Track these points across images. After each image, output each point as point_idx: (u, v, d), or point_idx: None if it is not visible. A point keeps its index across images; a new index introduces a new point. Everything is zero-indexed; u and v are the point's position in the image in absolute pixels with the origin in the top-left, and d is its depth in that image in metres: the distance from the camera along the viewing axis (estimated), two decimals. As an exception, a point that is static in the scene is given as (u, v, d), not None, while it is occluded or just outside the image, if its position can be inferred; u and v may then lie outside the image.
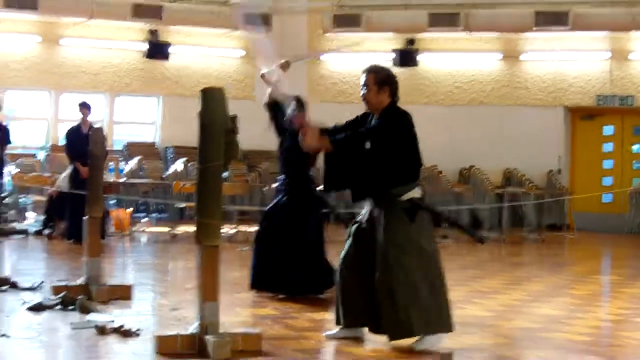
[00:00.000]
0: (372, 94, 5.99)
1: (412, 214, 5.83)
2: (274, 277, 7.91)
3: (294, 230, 8.05)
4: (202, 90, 5.58)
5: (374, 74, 6.01)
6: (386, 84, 6.00)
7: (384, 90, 5.99)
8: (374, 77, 5.99)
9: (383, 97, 5.99)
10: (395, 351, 5.65)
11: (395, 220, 5.81)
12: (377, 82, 5.98)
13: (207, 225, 5.32)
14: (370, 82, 5.99)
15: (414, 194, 5.88)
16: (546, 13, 18.41)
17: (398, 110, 6.02)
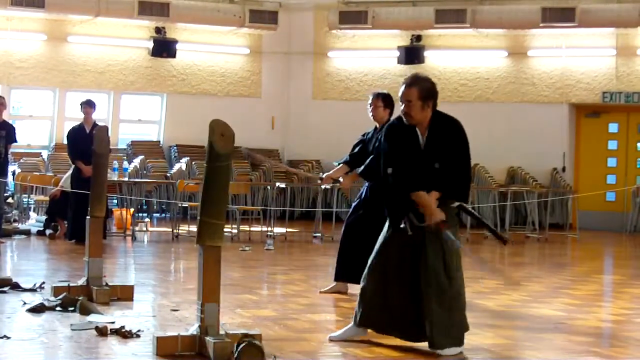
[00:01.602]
0: (416, 110, 5.63)
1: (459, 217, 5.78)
2: (357, 272, 8.04)
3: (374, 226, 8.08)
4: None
5: (418, 88, 5.63)
6: (431, 97, 5.67)
7: (428, 105, 5.66)
8: (418, 92, 5.62)
9: (427, 112, 5.67)
10: (396, 351, 5.65)
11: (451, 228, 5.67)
12: (421, 96, 5.63)
13: (211, 225, 5.31)
14: (414, 96, 5.62)
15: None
16: (553, 9, 18.39)
17: (449, 118, 5.78)
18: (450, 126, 5.73)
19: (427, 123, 5.70)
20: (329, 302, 7.84)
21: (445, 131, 5.70)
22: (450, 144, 5.69)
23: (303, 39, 20.50)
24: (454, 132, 5.73)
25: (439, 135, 5.69)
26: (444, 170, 5.64)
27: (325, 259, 12.12)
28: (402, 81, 5.80)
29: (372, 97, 8.27)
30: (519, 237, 16.05)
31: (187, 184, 14.95)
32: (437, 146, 5.66)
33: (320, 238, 14.87)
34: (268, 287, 9.43)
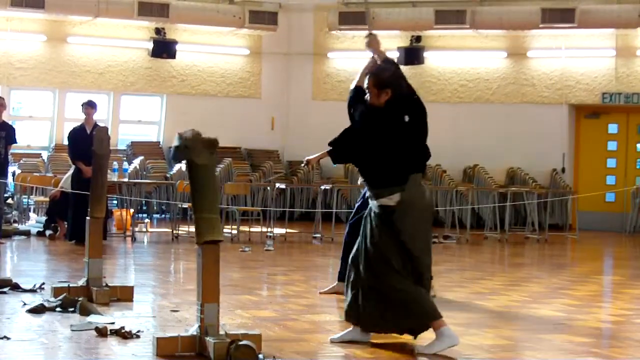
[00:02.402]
0: (374, 99, 5.92)
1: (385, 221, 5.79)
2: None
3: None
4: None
5: (373, 78, 5.95)
6: (387, 86, 5.91)
7: (386, 93, 5.90)
8: (374, 81, 5.93)
9: (384, 99, 5.90)
10: (396, 352, 5.66)
11: (373, 222, 5.85)
12: (376, 85, 5.92)
13: (206, 220, 5.31)
14: (371, 85, 5.92)
15: (389, 202, 5.79)
16: (552, 10, 18.41)
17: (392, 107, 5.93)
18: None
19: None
20: (328, 303, 7.84)
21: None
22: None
23: (303, 39, 20.52)
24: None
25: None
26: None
27: (325, 259, 12.13)
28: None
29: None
30: (518, 237, 16.05)
31: (187, 185, 14.94)
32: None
33: (320, 239, 14.87)
34: (268, 287, 9.43)
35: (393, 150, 5.85)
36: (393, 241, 5.78)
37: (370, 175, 5.94)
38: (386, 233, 5.80)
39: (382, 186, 5.85)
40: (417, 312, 5.76)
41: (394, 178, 5.85)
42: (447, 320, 6.96)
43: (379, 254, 5.79)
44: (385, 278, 5.77)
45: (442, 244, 14.48)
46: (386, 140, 5.84)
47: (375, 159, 5.86)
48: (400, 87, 5.99)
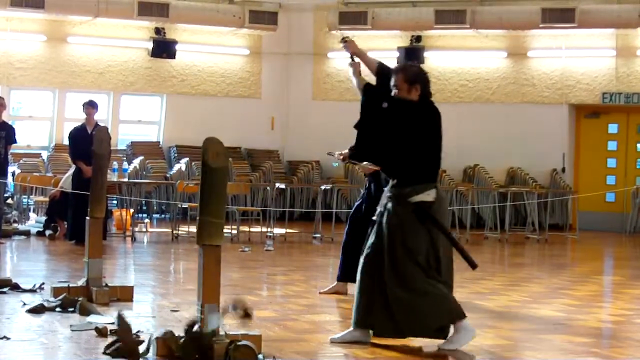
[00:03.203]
0: (403, 94, 5.88)
1: (421, 217, 5.71)
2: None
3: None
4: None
5: (403, 73, 5.91)
6: (417, 81, 5.90)
7: (415, 88, 5.88)
8: (404, 76, 5.89)
9: (414, 95, 5.88)
10: (397, 352, 5.65)
11: (401, 221, 5.74)
12: (406, 80, 5.88)
13: (210, 224, 5.31)
14: (400, 80, 5.87)
15: (426, 198, 5.77)
16: (552, 10, 18.40)
17: (432, 105, 5.93)
18: (422, 106, 5.91)
19: None
20: (328, 303, 7.84)
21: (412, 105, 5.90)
22: (407, 110, 5.87)
23: (303, 39, 20.51)
24: (418, 109, 5.91)
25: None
26: (389, 112, 5.85)
27: (325, 259, 12.13)
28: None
29: None
30: (519, 237, 16.04)
31: (187, 185, 14.96)
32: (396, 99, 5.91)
33: (320, 239, 14.87)
34: (268, 287, 9.43)
35: (432, 145, 5.83)
36: (423, 239, 5.72)
37: (406, 172, 5.81)
38: (416, 231, 5.72)
39: (419, 182, 5.78)
40: (446, 311, 5.73)
41: (432, 174, 5.87)
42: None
43: (407, 255, 5.70)
44: (412, 279, 5.68)
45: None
46: (426, 135, 5.81)
47: (414, 155, 5.77)
48: (428, 83, 5.96)
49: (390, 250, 5.74)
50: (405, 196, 5.78)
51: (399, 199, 5.80)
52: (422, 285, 5.69)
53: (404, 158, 5.79)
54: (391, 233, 5.77)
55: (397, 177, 5.86)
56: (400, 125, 5.78)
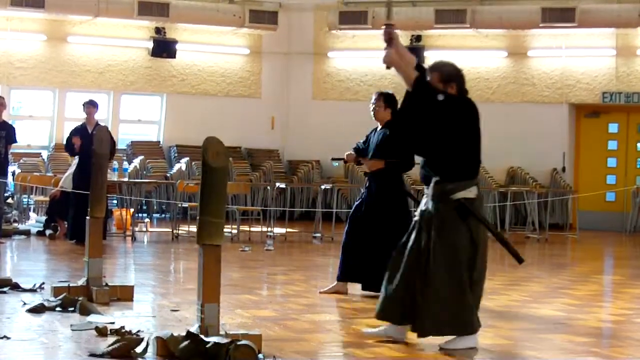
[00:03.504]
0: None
1: (464, 214, 5.72)
2: (361, 272, 8.13)
3: (378, 225, 8.09)
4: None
5: (438, 72, 5.87)
6: (452, 79, 5.86)
7: (451, 86, 5.83)
8: (439, 75, 5.85)
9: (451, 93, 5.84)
10: (397, 352, 5.65)
11: (443, 219, 5.75)
12: (441, 79, 5.84)
13: (210, 224, 5.31)
14: (435, 80, 5.83)
15: (468, 194, 5.77)
16: (553, 9, 18.40)
17: (470, 101, 5.87)
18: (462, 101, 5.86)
19: None
20: (329, 303, 7.84)
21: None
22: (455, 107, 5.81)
23: (303, 39, 20.51)
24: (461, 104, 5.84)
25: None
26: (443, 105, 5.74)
27: (325, 259, 12.13)
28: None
29: (374, 97, 8.32)
30: (519, 237, 16.02)
31: (187, 184, 14.97)
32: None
33: (320, 238, 14.87)
34: (268, 287, 9.43)
35: (475, 142, 5.82)
36: (464, 236, 5.73)
37: (450, 169, 5.78)
38: (457, 228, 5.72)
39: (461, 179, 5.78)
40: (468, 322, 5.72)
41: (473, 171, 5.87)
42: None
43: (447, 253, 5.70)
44: (451, 279, 5.69)
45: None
46: (470, 132, 5.80)
47: (458, 151, 5.76)
48: (464, 80, 5.92)
49: (432, 247, 5.74)
50: (447, 193, 5.77)
51: (441, 196, 5.78)
52: (458, 288, 5.70)
53: (449, 155, 5.77)
54: (432, 230, 5.77)
55: (441, 174, 5.81)
56: (451, 121, 5.73)
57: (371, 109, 8.32)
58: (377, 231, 8.13)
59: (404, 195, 8.34)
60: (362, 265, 8.15)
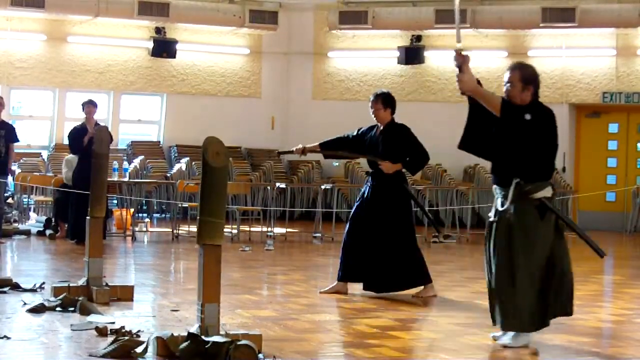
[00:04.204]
0: (516, 91, 6.01)
1: (542, 212, 5.90)
2: (362, 272, 8.15)
3: (380, 225, 8.10)
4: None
5: (521, 71, 6.05)
6: (531, 82, 6.03)
7: (528, 89, 6.01)
8: (521, 74, 6.03)
9: (526, 96, 6.01)
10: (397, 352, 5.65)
11: (527, 217, 5.90)
12: (522, 79, 6.02)
13: (211, 224, 5.31)
14: (516, 78, 6.02)
15: (546, 193, 5.95)
16: (553, 9, 18.40)
17: (546, 107, 6.07)
18: (547, 110, 6.03)
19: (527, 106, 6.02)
20: (329, 303, 7.84)
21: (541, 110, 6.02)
22: (542, 117, 6.02)
23: (303, 39, 20.51)
24: (547, 114, 6.03)
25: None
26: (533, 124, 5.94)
27: (325, 259, 12.13)
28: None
29: (371, 99, 8.34)
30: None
31: (187, 184, 14.96)
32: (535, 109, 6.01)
33: (320, 238, 14.87)
34: (268, 287, 9.43)
35: (554, 145, 6.02)
36: (546, 233, 5.93)
37: (532, 171, 5.94)
38: (539, 227, 5.90)
39: (540, 180, 5.96)
40: (532, 322, 5.92)
41: (550, 172, 6.08)
42: (448, 319, 6.99)
43: (531, 251, 5.87)
44: (532, 275, 5.87)
45: (442, 243, 14.48)
46: (551, 136, 5.99)
47: (540, 155, 5.95)
48: (539, 85, 6.10)
49: (514, 246, 5.89)
50: (527, 193, 5.92)
51: (520, 196, 5.93)
52: (537, 287, 5.88)
53: (532, 161, 5.95)
54: (514, 230, 5.91)
55: (522, 176, 5.96)
56: (538, 136, 5.95)
57: (371, 112, 8.34)
58: (379, 231, 8.13)
59: (406, 194, 8.34)
60: (362, 265, 8.15)
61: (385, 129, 8.32)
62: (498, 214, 6.02)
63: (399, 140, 8.24)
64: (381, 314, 7.14)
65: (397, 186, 8.25)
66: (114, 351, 5.20)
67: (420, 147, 8.27)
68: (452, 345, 5.95)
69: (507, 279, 5.87)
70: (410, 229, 8.26)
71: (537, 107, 6.02)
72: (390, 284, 8.12)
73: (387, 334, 6.20)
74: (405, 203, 8.29)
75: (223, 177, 5.37)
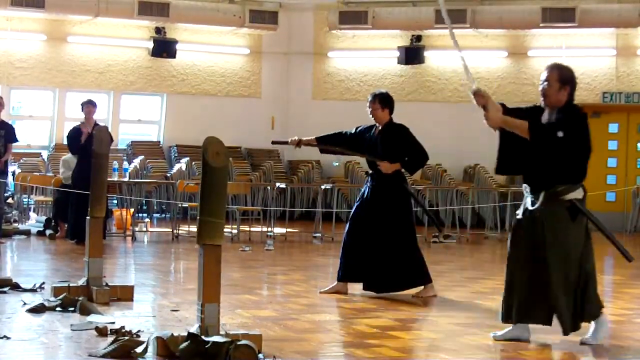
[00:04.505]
0: (552, 90, 6.09)
1: (574, 214, 5.98)
2: (362, 272, 8.16)
3: (380, 225, 8.10)
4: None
5: (558, 71, 6.10)
6: (568, 83, 6.09)
7: (565, 89, 6.07)
8: (558, 74, 6.09)
9: (562, 96, 6.08)
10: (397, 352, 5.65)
11: (559, 219, 5.98)
12: (559, 79, 6.08)
13: (211, 224, 5.31)
14: (553, 78, 6.08)
15: (577, 195, 6.04)
16: (553, 9, 18.41)
17: (579, 109, 6.15)
18: (581, 115, 6.14)
19: (561, 107, 6.14)
20: (329, 303, 7.84)
21: (575, 115, 6.13)
22: (577, 124, 6.14)
23: (303, 39, 20.51)
24: (581, 119, 6.16)
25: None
26: (566, 141, 6.05)
27: (325, 259, 12.13)
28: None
29: (369, 100, 8.34)
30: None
31: (187, 184, 14.96)
32: (569, 121, 6.11)
33: (320, 238, 14.87)
34: (268, 287, 9.43)
35: (588, 147, 6.18)
36: (577, 233, 6.01)
37: (565, 173, 6.05)
38: (569, 227, 5.97)
39: (574, 182, 6.09)
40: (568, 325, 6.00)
41: (584, 173, 6.22)
42: (448, 319, 6.99)
43: (562, 251, 5.95)
44: (565, 276, 5.96)
45: (442, 243, 14.48)
46: (585, 139, 6.15)
47: (574, 158, 6.08)
48: (575, 87, 6.17)
49: (546, 247, 5.97)
50: (559, 194, 6.01)
51: (553, 197, 6.02)
52: (570, 287, 5.97)
53: (566, 165, 6.06)
54: (545, 230, 5.99)
55: (555, 179, 6.06)
56: (572, 147, 6.08)
57: (369, 112, 8.34)
58: (379, 231, 8.13)
59: (406, 194, 8.34)
60: (363, 265, 8.15)
61: (384, 129, 8.32)
62: (527, 212, 6.10)
63: (397, 140, 8.24)
64: (381, 314, 7.14)
65: (397, 186, 8.25)
66: (114, 351, 5.20)
67: (419, 147, 8.27)
68: (452, 345, 5.95)
69: (538, 278, 5.96)
70: (411, 229, 8.26)
71: (571, 109, 6.09)
72: (390, 284, 8.12)
73: (387, 334, 6.20)
74: (406, 203, 8.29)
75: (223, 177, 5.37)
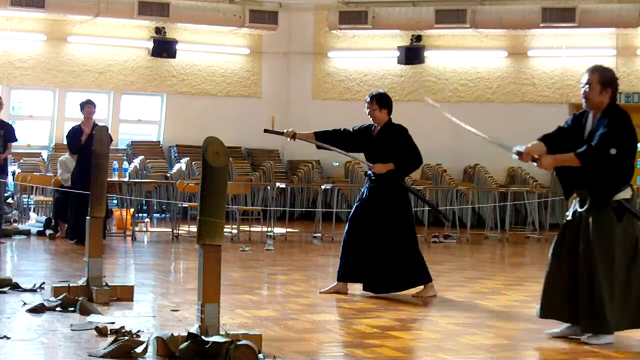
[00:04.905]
0: (594, 93, 6.10)
1: (620, 214, 6.02)
2: (361, 272, 8.17)
3: (379, 225, 8.10)
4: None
5: (599, 74, 6.12)
6: (609, 85, 6.10)
7: (607, 92, 6.10)
8: (599, 77, 6.10)
9: (604, 98, 6.10)
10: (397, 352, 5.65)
11: (604, 219, 6.02)
12: (601, 81, 6.10)
13: (210, 224, 5.31)
14: (594, 80, 6.10)
15: (625, 195, 6.08)
16: (553, 9, 18.41)
17: (621, 110, 6.14)
18: (625, 117, 6.09)
19: (604, 110, 6.14)
20: (329, 303, 7.84)
21: (620, 120, 6.08)
22: (624, 132, 6.08)
23: (303, 39, 20.51)
24: (626, 122, 6.09)
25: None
26: (619, 156, 6.02)
27: (325, 259, 12.13)
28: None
29: (367, 100, 8.33)
30: (519, 237, 16.02)
31: (187, 184, 14.96)
32: (617, 134, 6.06)
33: (320, 238, 14.87)
34: (268, 287, 9.43)
35: (635, 154, 6.13)
36: (624, 233, 6.03)
37: (613, 175, 6.06)
38: (616, 228, 6.01)
39: (622, 183, 6.09)
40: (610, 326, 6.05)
41: (631, 174, 6.17)
42: (448, 319, 6.99)
43: (609, 252, 5.98)
44: (611, 277, 5.98)
45: (442, 243, 14.48)
46: (633, 142, 6.09)
47: (622, 160, 6.05)
48: (617, 90, 6.18)
49: (592, 247, 6.00)
50: (607, 195, 6.06)
51: (599, 198, 6.06)
52: (616, 288, 5.99)
53: (614, 165, 6.05)
54: (591, 231, 6.03)
55: (603, 180, 6.10)
56: (624, 157, 6.05)
57: (367, 112, 8.33)
58: (378, 231, 8.13)
59: (405, 193, 8.34)
60: (362, 265, 8.15)
61: (383, 130, 8.31)
62: (577, 213, 6.17)
63: (394, 141, 8.23)
64: (381, 314, 7.14)
65: (396, 185, 8.24)
66: (114, 351, 5.20)
67: (414, 150, 8.24)
68: (452, 345, 5.94)
69: (586, 280, 5.99)
70: (411, 229, 8.26)
71: (614, 112, 6.10)
72: (390, 285, 8.12)
73: (387, 334, 6.19)
74: (405, 203, 8.28)
75: (223, 177, 5.37)
